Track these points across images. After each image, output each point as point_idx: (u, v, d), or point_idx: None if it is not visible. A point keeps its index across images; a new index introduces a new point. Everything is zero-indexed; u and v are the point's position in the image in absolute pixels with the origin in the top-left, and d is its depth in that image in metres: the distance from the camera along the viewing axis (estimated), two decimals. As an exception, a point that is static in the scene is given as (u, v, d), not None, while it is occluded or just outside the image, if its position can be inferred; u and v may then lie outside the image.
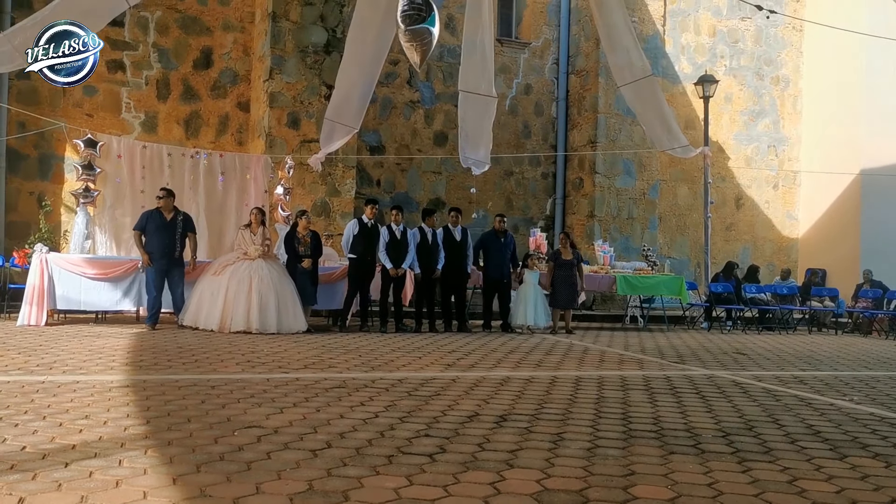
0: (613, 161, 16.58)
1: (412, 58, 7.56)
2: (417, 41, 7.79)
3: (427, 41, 7.49)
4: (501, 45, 16.70)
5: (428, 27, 7.92)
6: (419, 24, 7.40)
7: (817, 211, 18.48)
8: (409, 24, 7.36)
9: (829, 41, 17.21)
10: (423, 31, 7.33)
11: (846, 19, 16.09)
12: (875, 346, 11.95)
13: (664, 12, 17.07)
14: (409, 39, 7.45)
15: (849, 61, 17.38)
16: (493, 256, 11.91)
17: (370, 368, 7.16)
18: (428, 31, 7.65)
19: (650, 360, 8.83)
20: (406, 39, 7.48)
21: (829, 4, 17.93)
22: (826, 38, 17.24)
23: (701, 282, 16.01)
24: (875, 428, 5.13)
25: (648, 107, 9.68)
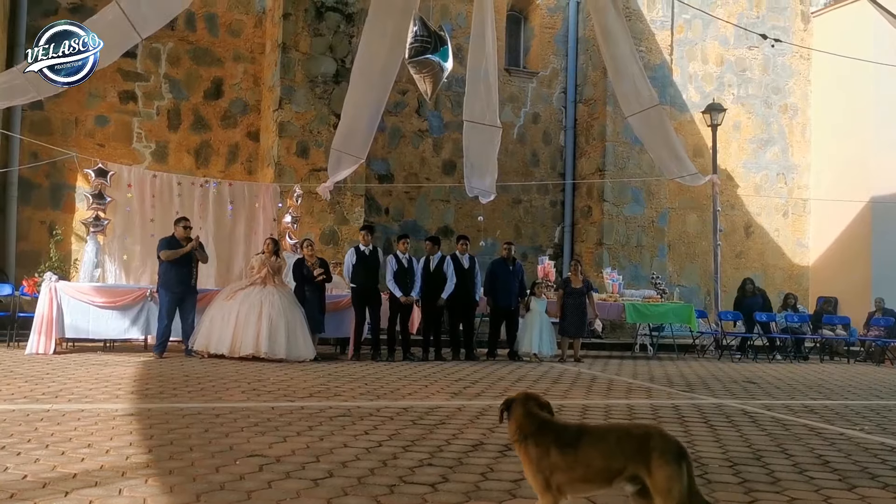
0: (622, 189, 16.58)
1: (422, 88, 7.64)
2: (426, 72, 7.86)
3: (434, 72, 7.56)
4: (510, 75, 16.81)
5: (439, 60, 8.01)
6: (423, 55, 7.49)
7: (828, 239, 18.37)
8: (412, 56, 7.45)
9: (836, 69, 17.23)
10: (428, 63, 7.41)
11: (853, 47, 16.11)
12: (887, 376, 11.82)
13: (671, 42, 17.14)
14: (416, 71, 7.54)
15: (857, 89, 17.38)
16: (502, 284, 11.88)
17: (376, 397, 7.13)
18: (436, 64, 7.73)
19: (659, 388, 8.75)
20: (414, 71, 7.57)
21: (836, 33, 17.98)
22: (834, 67, 17.26)
23: (711, 310, 15.90)
24: (885, 458, 5.06)
25: (656, 136, 9.69)
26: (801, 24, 18.80)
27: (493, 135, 9.20)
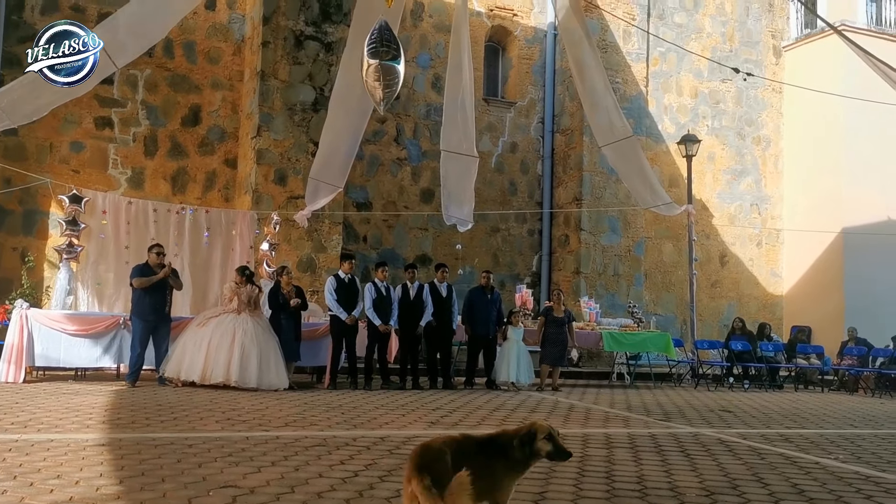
0: (599, 218, 16.70)
1: (375, 95, 7.40)
2: (388, 79, 7.67)
3: (394, 82, 7.43)
4: (488, 105, 16.95)
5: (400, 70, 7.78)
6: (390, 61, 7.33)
7: (801, 269, 18.60)
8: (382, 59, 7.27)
9: (807, 103, 17.55)
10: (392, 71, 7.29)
11: (824, 81, 16.45)
12: (861, 404, 11.91)
13: (647, 74, 17.40)
14: (376, 78, 7.38)
15: (828, 122, 17.70)
16: (480, 313, 11.87)
17: (352, 426, 7.07)
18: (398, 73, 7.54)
19: (636, 417, 8.76)
20: (374, 78, 7.39)
21: (806, 67, 18.35)
22: (805, 100, 17.58)
23: (687, 338, 15.98)
24: (860, 487, 5.09)
25: (630, 166, 9.81)
26: (773, 57, 19.18)
27: (469, 164, 9.26)
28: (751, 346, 14.63)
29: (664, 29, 17.87)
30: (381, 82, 7.19)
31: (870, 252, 17.21)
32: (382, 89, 7.08)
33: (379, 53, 7.29)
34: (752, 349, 14.58)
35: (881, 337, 15.26)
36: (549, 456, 3.21)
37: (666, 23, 18.03)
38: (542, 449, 3.18)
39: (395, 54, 7.35)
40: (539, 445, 3.18)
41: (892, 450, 6.95)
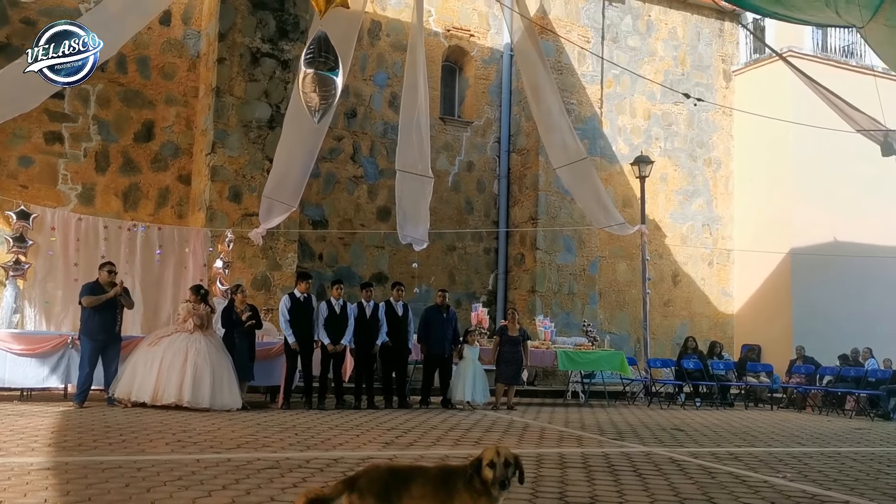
0: (554, 237, 16.86)
1: (311, 105, 7.29)
2: (325, 90, 7.58)
3: (333, 93, 7.36)
4: (444, 124, 17.04)
5: (338, 83, 7.70)
6: (327, 72, 7.26)
7: (751, 288, 18.98)
8: (319, 69, 7.19)
9: (757, 126, 17.95)
10: (330, 83, 7.22)
11: (772, 105, 16.91)
12: (808, 422, 12.17)
13: (601, 95, 17.68)
14: (312, 89, 7.30)
15: (776, 145, 18.16)
16: (436, 331, 11.87)
17: (306, 447, 7.00)
18: (336, 86, 7.47)
19: (590, 436, 8.82)
20: (311, 88, 7.30)
21: (756, 91, 18.82)
22: (754, 123, 17.99)
23: (641, 357, 16.17)
24: (806, 505, 5.19)
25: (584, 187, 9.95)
26: (724, 81, 19.64)
27: (424, 185, 9.29)
28: (702, 364, 14.86)
29: (618, 52, 18.19)
30: (317, 93, 7.12)
31: (816, 272, 17.65)
32: (319, 100, 7.00)
33: (316, 63, 7.23)
34: (703, 367, 14.82)
35: (828, 355, 15.64)
36: (491, 484, 3.18)
37: (620, 46, 18.36)
38: (487, 476, 3.18)
39: (332, 66, 7.30)
40: (484, 473, 3.19)
41: (838, 468, 7.11)
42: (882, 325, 18.19)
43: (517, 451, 7.10)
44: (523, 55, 9.17)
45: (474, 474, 3.20)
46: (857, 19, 6.92)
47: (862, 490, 5.92)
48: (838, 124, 9.38)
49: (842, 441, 9.56)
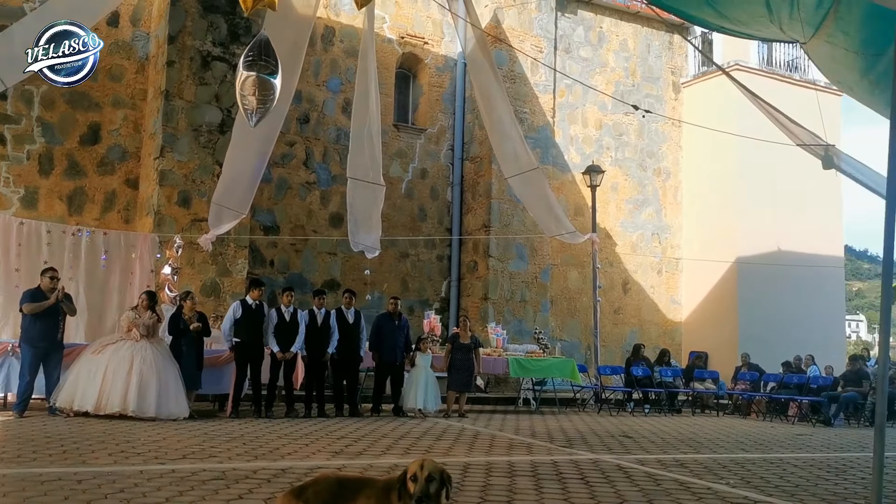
0: (507, 245, 16.96)
1: (248, 107, 7.19)
2: (265, 94, 7.49)
3: (272, 97, 7.29)
4: (398, 131, 17.03)
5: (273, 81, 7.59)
6: (267, 75, 7.17)
7: (698, 296, 19.33)
8: (260, 72, 7.10)
9: (704, 137, 18.26)
10: (269, 87, 7.15)
11: (720, 117, 17.26)
12: (753, 428, 12.41)
13: (554, 105, 17.86)
14: (252, 92, 7.21)
15: (723, 156, 18.54)
16: (387, 339, 11.84)
17: (253, 457, 6.90)
18: (275, 90, 7.37)
19: (539, 444, 8.87)
20: (250, 91, 7.20)
21: (703, 103, 19.20)
22: (702, 134, 18.31)
23: (591, 364, 16.33)
24: (748, 511, 5.29)
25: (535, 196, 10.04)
26: (673, 93, 20.00)
27: (376, 192, 9.27)
28: (650, 371, 15.07)
29: (570, 62, 18.41)
30: (256, 96, 7.04)
31: (761, 281, 18.05)
32: (256, 103, 6.93)
33: (257, 66, 7.16)
34: (651, 374, 15.03)
35: (772, 362, 15.98)
36: (414, 498, 3.13)
37: (572, 56, 18.58)
38: (410, 489, 3.16)
39: (273, 69, 7.23)
40: (409, 485, 3.17)
41: (779, 474, 7.27)
42: (823, 332, 18.69)
43: (467, 459, 7.13)
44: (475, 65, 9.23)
45: (401, 488, 3.18)
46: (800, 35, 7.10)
47: (802, 496, 6.06)
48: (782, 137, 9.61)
49: (784, 447, 9.78)
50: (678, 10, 7.48)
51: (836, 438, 11.27)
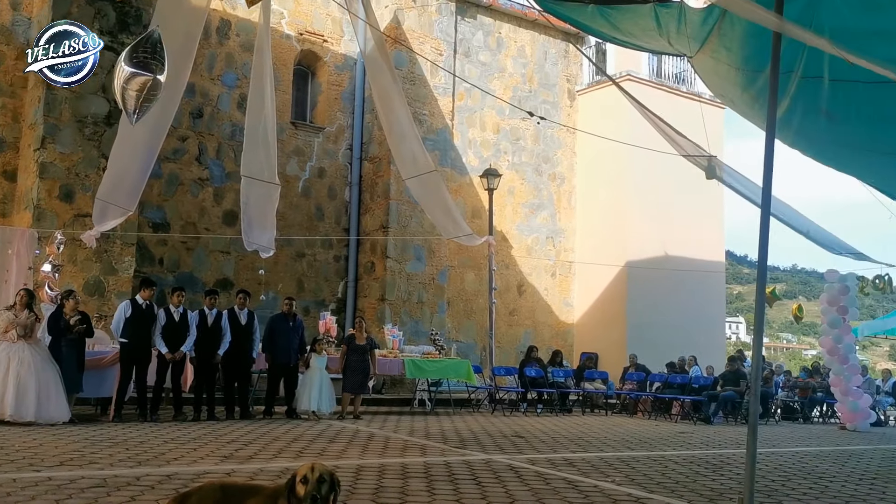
0: (404, 246, 16.98)
1: (128, 104, 6.94)
2: (152, 93, 7.24)
3: (157, 95, 7.07)
4: (296, 129, 16.79)
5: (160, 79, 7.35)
6: (150, 72, 6.94)
7: (590, 298, 19.89)
8: (140, 68, 6.85)
9: (597, 144, 18.78)
10: (158, 84, 6.94)
11: (612, 125, 17.78)
12: (639, 427, 12.86)
13: (453, 108, 18.01)
14: (137, 88, 6.96)
15: (615, 163, 19.12)
16: (281, 340, 11.65)
17: (137, 463, 6.65)
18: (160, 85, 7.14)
19: (433, 445, 8.91)
20: (135, 88, 6.95)
21: (597, 111, 19.76)
22: (595, 141, 18.82)
23: (486, 365, 16.53)
24: (631, 508, 5.47)
25: (433, 198, 10.08)
26: (568, 100, 20.51)
27: (271, 191, 9.08)
28: (543, 372, 15.39)
29: (469, 66, 18.60)
30: (141, 93, 6.82)
31: (649, 284, 18.74)
32: (142, 101, 6.71)
33: (139, 62, 6.92)
34: (544, 375, 15.35)
35: (658, 363, 16.61)
36: (303, 501, 3.08)
37: (471, 60, 18.78)
38: (300, 493, 3.11)
39: (158, 67, 7.00)
40: (298, 489, 3.12)
41: (661, 471, 7.55)
42: (706, 334, 19.58)
43: (361, 461, 7.08)
44: (374, 66, 9.18)
45: (289, 492, 3.13)
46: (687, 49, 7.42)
47: (681, 492, 6.32)
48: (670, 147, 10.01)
49: (667, 445, 10.17)
50: (573, 20, 7.69)
51: (714, 436, 11.81)
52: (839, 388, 14.94)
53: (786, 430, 13.96)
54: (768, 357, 46.28)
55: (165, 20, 7.41)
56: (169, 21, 7.19)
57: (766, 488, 6.71)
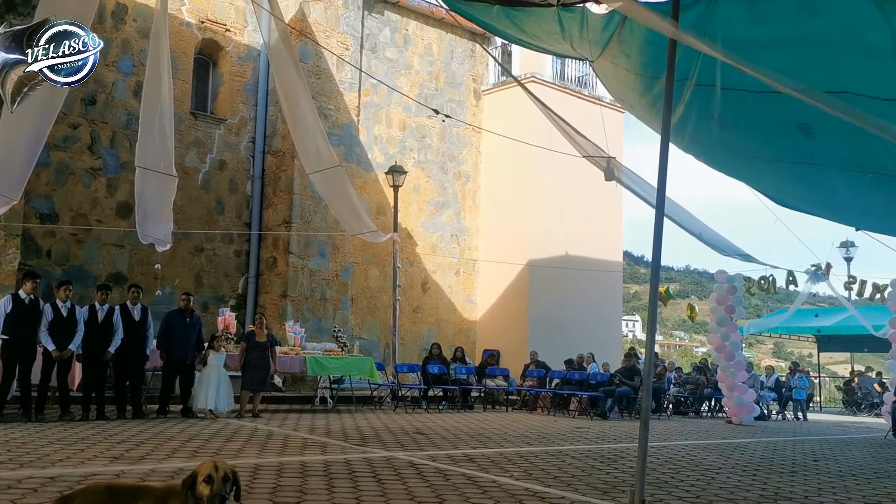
0: (308, 242, 16.76)
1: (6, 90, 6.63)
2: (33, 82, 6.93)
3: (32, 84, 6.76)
4: (196, 119, 16.31)
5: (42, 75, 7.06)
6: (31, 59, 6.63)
7: (493, 296, 20.13)
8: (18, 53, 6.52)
9: (502, 144, 19.04)
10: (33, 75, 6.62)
11: (517, 125, 18.03)
12: (538, 422, 13.11)
13: (359, 103, 17.89)
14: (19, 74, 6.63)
15: (519, 163, 19.41)
16: (177, 337, 11.31)
17: (19, 465, 6.31)
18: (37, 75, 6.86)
19: (334, 443, 8.83)
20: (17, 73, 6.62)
21: (502, 110, 20.01)
22: (500, 141, 19.07)
23: (389, 362, 16.50)
24: None
25: (337, 194, 9.97)
26: (474, 99, 20.69)
27: (167, 183, 8.77)
28: (446, 369, 15.50)
29: (376, 62, 18.51)
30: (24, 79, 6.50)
31: (550, 283, 19.13)
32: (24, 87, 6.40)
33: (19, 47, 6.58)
34: (447, 372, 15.46)
35: (558, 360, 16.97)
36: (208, 501, 3.01)
37: (378, 56, 18.69)
38: (202, 493, 3.03)
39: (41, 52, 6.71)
40: (199, 489, 3.03)
41: (558, 465, 7.72)
42: (603, 332, 20.15)
43: (259, 460, 6.95)
44: (278, 58, 8.99)
45: (189, 492, 3.04)
46: (589, 53, 7.59)
47: (577, 486, 6.47)
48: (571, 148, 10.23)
49: (564, 439, 10.41)
50: (479, 21, 7.75)
51: (610, 430, 12.16)
52: (726, 384, 15.64)
53: (676, 425, 14.51)
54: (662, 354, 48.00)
55: (54, 2, 7.04)
56: (58, 2, 6.83)
57: (657, 480, 6.95)
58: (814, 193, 8.43)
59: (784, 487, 7.01)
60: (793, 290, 18.65)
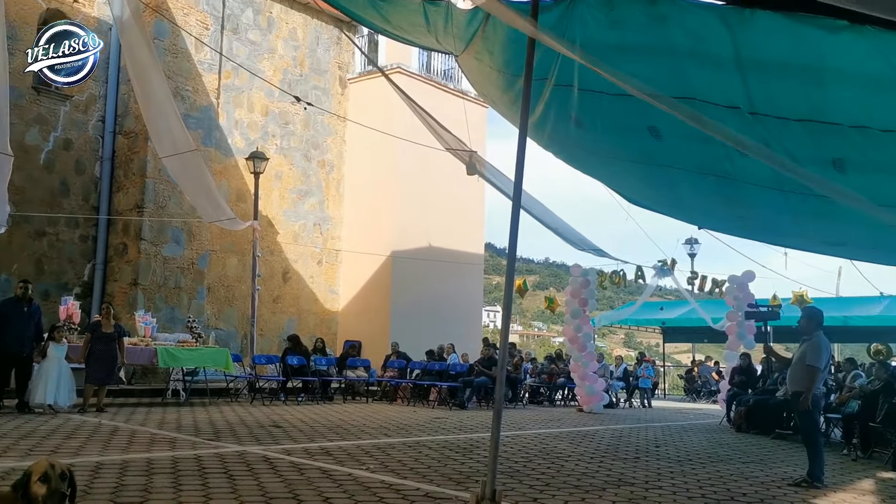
0: (161, 228, 16.05)
1: None
2: None
3: None
4: (38, 94, 15.22)
5: None
6: None
7: (355, 287, 20.00)
8: None
9: (367, 133, 18.90)
10: None
11: (382, 115, 17.99)
12: (397, 413, 13.15)
13: (219, 86, 17.26)
14: None
15: (383, 153, 19.34)
16: (13, 327, 10.57)
17: None
18: None
19: (184, 438, 8.50)
20: None
21: (368, 100, 19.85)
22: (364, 131, 18.92)
23: (247, 353, 16.08)
24: (382, 496, 5.56)
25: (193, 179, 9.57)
26: (340, 87, 20.42)
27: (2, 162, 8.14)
28: (306, 360, 15.26)
29: (238, 44, 17.91)
30: None
31: (413, 274, 19.22)
32: None
33: None
34: (306, 363, 15.23)
35: (419, 350, 17.09)
36: (45, 501, 2.80)
37: (240, 38, 18.07)
38: (38, 493, 2.81)
39: None
40: (34, 490, 2.82)
41: (415, 456, 7.76)
42: (465, 322, 20.48)
43: (101, 458, 6.58)
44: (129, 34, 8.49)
45: (21, 495, 2.81)
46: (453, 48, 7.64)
47: (432, 477, 6.53)
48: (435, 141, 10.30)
49: (422, 430, 10.49)
50: (344, 8, 7.64)
51: (468, 420, 12.37)
52: (578, 374, 16.27)
53: (531, 413, 14.95)
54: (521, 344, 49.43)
55: None
56: None
57: (509, 469, 7.12)
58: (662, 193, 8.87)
59: (627, 473, 7.36)
60: (642, 284, 19.63)
